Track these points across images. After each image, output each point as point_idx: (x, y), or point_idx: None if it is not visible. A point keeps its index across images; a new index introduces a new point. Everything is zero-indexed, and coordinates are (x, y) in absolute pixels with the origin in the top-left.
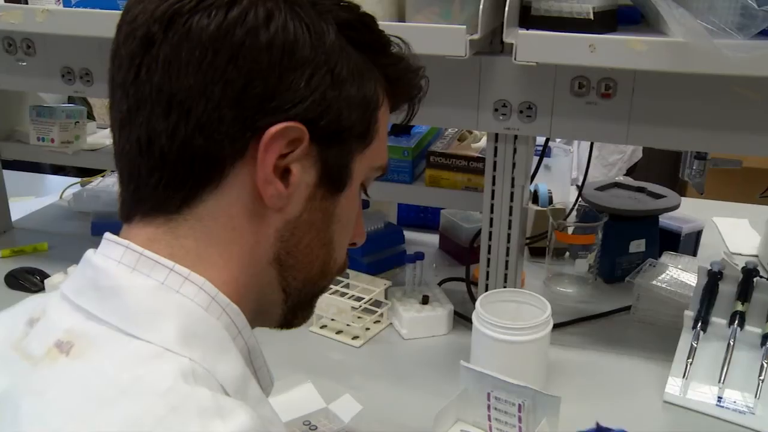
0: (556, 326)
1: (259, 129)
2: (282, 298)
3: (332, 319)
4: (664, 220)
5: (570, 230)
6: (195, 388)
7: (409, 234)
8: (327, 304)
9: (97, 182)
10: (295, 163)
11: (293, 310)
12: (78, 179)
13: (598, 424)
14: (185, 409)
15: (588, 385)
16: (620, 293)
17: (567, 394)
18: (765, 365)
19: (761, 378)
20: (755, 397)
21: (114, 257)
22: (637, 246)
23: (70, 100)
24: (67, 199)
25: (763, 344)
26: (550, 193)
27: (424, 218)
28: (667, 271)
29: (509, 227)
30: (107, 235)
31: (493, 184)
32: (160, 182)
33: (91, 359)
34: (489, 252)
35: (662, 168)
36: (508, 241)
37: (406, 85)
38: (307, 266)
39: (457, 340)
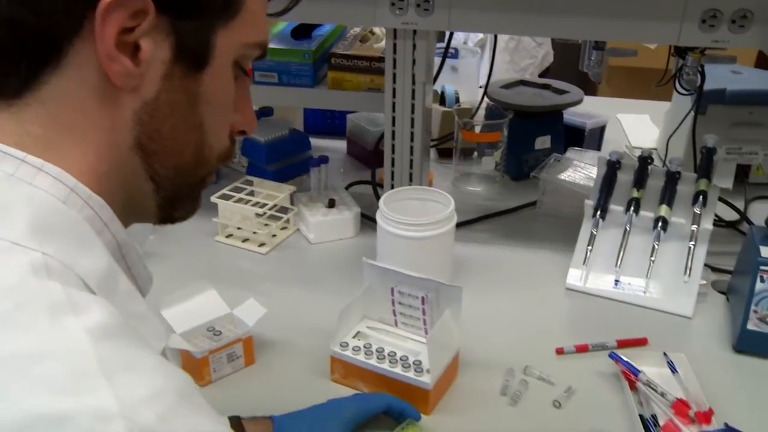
0: (463, 224)
1: (93, 0)
2: (152, 187)
3: (238, 228)
4: (569, 116)
5: (477, 129)
6: (46, 283)
7: (316, 141)
8: (231, 212)
9: None
10: (144, 37)
11: (171, 202)
12: None
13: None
14: (34, 304)
15: (494, 278)
16: (527, 190)
17: (473, 288)
18: (655, 246)
19: (652, 258)
20: (646, 276)
21: None
22: (543, 142)
23: None
24: None
25: (654, 227)
26: (457, 94)
27: (332, 125)
28: (572, 166)
29: (412, 126)
30: None
31: (394, 82)
32: None
33: None
34: (393, 152)
35: (572, 71)
36: (412, 140)
37: None
38: (175, 152)
39: (365, 242)
